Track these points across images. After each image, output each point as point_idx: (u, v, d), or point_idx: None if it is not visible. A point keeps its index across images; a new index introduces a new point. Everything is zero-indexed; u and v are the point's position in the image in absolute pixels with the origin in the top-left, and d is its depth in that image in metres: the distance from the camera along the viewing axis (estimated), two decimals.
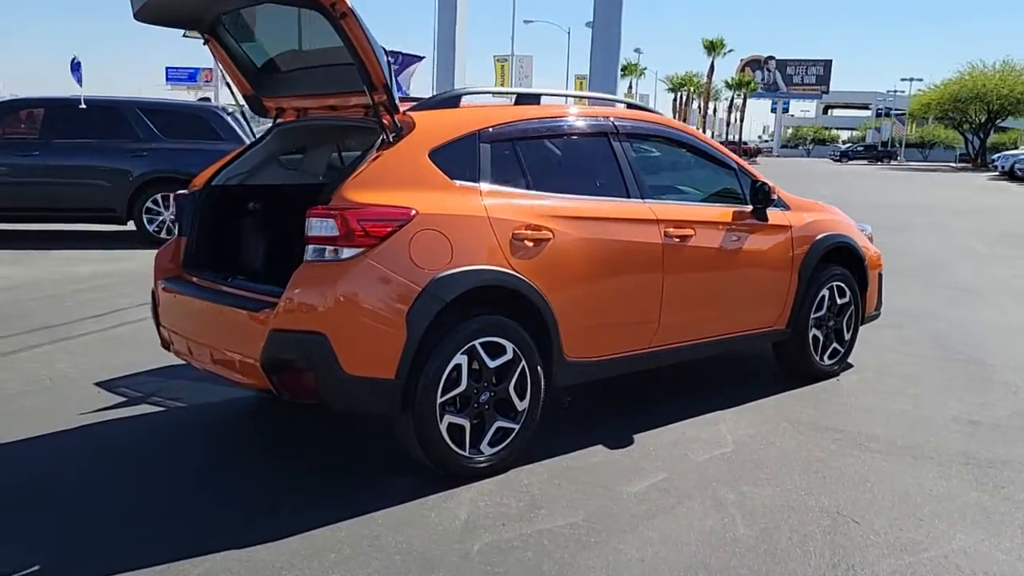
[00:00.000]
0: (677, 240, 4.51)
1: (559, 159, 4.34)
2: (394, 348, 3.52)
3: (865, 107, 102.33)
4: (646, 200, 4.46)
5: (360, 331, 3.50)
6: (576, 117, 4.51)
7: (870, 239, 6.00)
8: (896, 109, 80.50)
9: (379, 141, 3.75)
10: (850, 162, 70.60)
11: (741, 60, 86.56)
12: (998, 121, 60.68)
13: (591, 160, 4.45)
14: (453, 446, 3.72)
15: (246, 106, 4.60)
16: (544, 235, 3.94)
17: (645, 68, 76.98)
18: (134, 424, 4.51)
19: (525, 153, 4.11)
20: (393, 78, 3.70)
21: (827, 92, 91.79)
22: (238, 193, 4.58)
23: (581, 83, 60.45)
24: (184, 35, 4.31)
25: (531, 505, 3.59)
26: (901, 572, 3.10)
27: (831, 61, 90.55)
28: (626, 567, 3.10)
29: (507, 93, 4.59)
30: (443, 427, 3.67)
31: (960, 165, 61.96)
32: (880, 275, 5.94)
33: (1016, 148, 53.30)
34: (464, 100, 4.21)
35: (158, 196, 10.92)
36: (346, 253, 3.47)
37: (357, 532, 3.32)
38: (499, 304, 3.80)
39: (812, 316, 5.34)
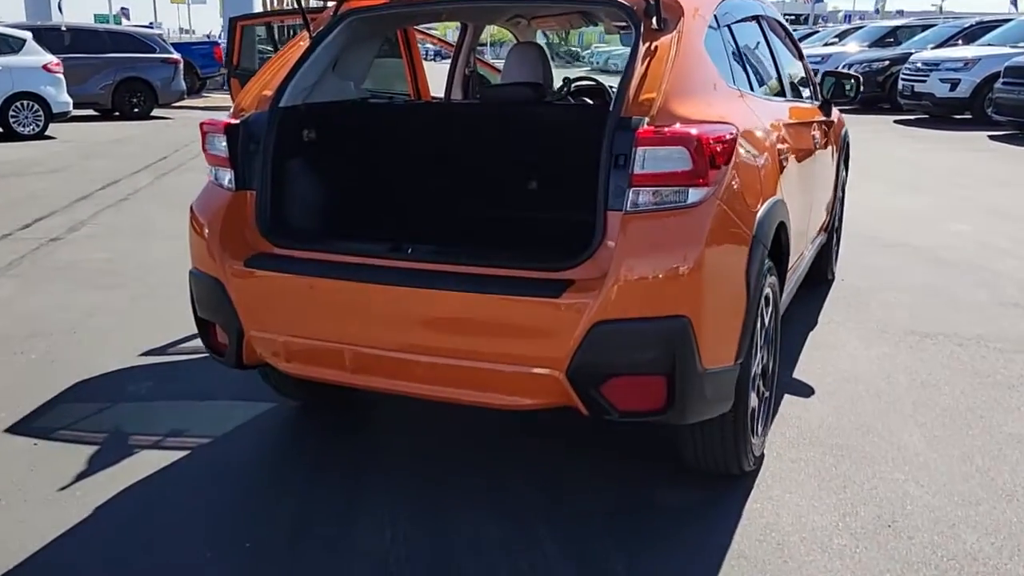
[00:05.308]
0: (814, 142, 3.87)
1: (751, 51, 3.42)
2: (737, 322, 2.51)
3: None
4: (797, 100, 3.76)
5: (718, 307, 2.43)
6: None
7: None
8: None
9: (641, 30, 2.58)
10: None
11: None
12: None
13: (765, 52, 3.60)
14: (751, 434, 2.82)
15: None
16: (787, 147, 3.09)
17: None
18: (196, 475, 2.91)
19: (740, 43, 3.16)
20: None
21: None
22: (323, 116, 3.00)
23: None
24: None
25: (839, 485, 2.87)
26: None
27: None
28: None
29: None
30: (749, 412, 2.76)
31: None
32: None
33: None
34: None
35: None
36: (693, 195, 2.35)
37: (753, 557, 2.39)
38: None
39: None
